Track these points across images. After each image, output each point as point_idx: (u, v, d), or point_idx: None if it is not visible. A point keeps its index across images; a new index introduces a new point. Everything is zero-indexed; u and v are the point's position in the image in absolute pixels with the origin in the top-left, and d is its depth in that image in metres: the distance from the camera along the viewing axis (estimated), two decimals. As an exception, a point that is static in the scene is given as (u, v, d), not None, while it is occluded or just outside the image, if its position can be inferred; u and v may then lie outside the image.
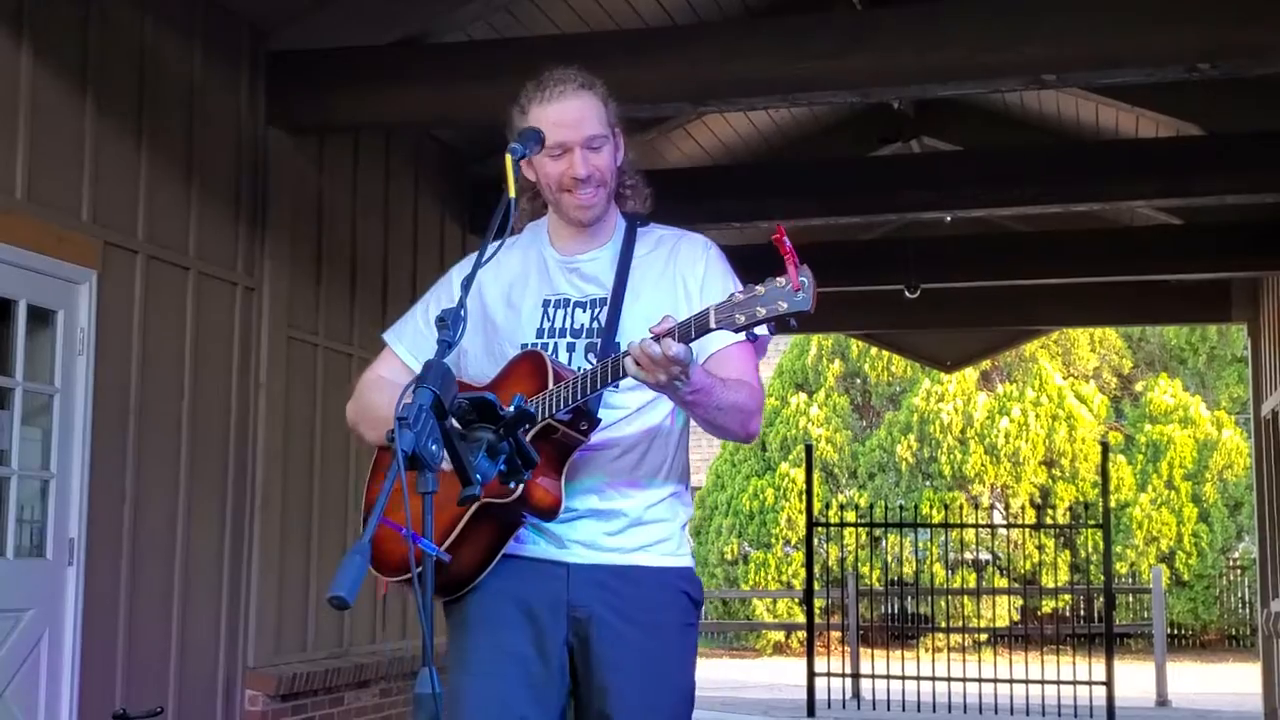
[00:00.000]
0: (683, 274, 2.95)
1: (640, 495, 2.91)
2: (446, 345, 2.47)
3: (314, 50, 7.24)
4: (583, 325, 2.91)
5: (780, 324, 2.57)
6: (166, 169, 6.62)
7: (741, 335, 2.83)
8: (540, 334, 2.92)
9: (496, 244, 2.66)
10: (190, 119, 6.78)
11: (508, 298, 2.98)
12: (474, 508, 2.72)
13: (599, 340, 2.87)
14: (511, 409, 2.51)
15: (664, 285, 2.93)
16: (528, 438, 2.65)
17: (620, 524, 2.88)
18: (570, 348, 2.90)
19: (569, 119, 2.88)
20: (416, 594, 2.27)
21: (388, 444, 2.34)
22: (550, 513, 2.77)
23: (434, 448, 2.29)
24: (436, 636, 2.27)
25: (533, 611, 2.84)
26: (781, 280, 2.57)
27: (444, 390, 2.36)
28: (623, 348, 2.78)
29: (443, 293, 3.07)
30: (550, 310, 2.94)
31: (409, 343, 3.07)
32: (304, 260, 7.65)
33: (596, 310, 2.91)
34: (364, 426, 3.05)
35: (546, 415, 2.70)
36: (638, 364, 2.58)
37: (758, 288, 2.59)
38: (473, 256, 2.99)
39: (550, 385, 2.72)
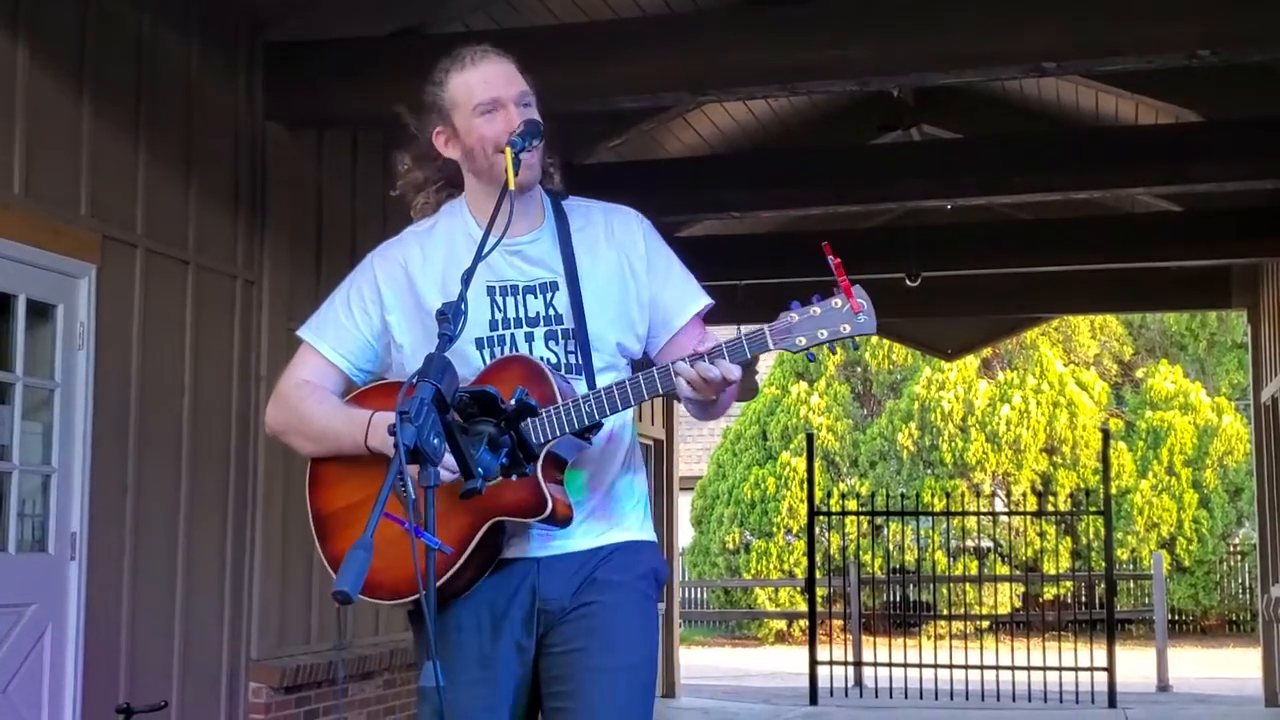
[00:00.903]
0: (625, 252, 2.85)
1: (609, 481, 2.84)
2: (448, 339, 2.43)
3: (311, 42, 7.23)
4: (538, 313, 2.78)
5: (852, 336, 2.54)
6: (165, 162, 6.61)
7: (705, 302, 2.86)
8: (494, 325, 2.77)
9: (496, 239, 2.62)
10: (189, 112, 6.77)
11: (443, 286, 2.76)
12: (487, 525, 2.64)
13: (559, 327, 2.77)
14: (513, 402, 2.50)
15: (609, 264, 2.83)
16: (543, 453, 2.60)
17: (589, 504, 2.79)
18: (529, 337, 2.77)
19: (498, 77, 2.80)
20: (425, 601, 2.24)
21: (366, 448, 2.27)
22: (568, 521, 2.69)
23: (436, 441, 2.26)
24: (408, 630, 2.25)
25: (496, 611, 2.74)
26: (838, 302, 2.52)
27: (445, 384, 2.33)
28: (591, 334, 2.76)
29: (362, 281, 2.90)
30: (498, 298, 2.79)
31: (331, 339, 2.90)
32: (303, 253, 7.64)
33: (549, 296, 2.79)
34: (296, 437, 2.90)
35: (572, 429, 2.61)
36: (692, 385, 2.53)
37: (813, 309, 2.53)
38: (390, 244, 2.94)
39: (558, 399, 2.61)
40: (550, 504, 2.61)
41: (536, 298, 2.78)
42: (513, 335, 2.77)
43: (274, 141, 7.35)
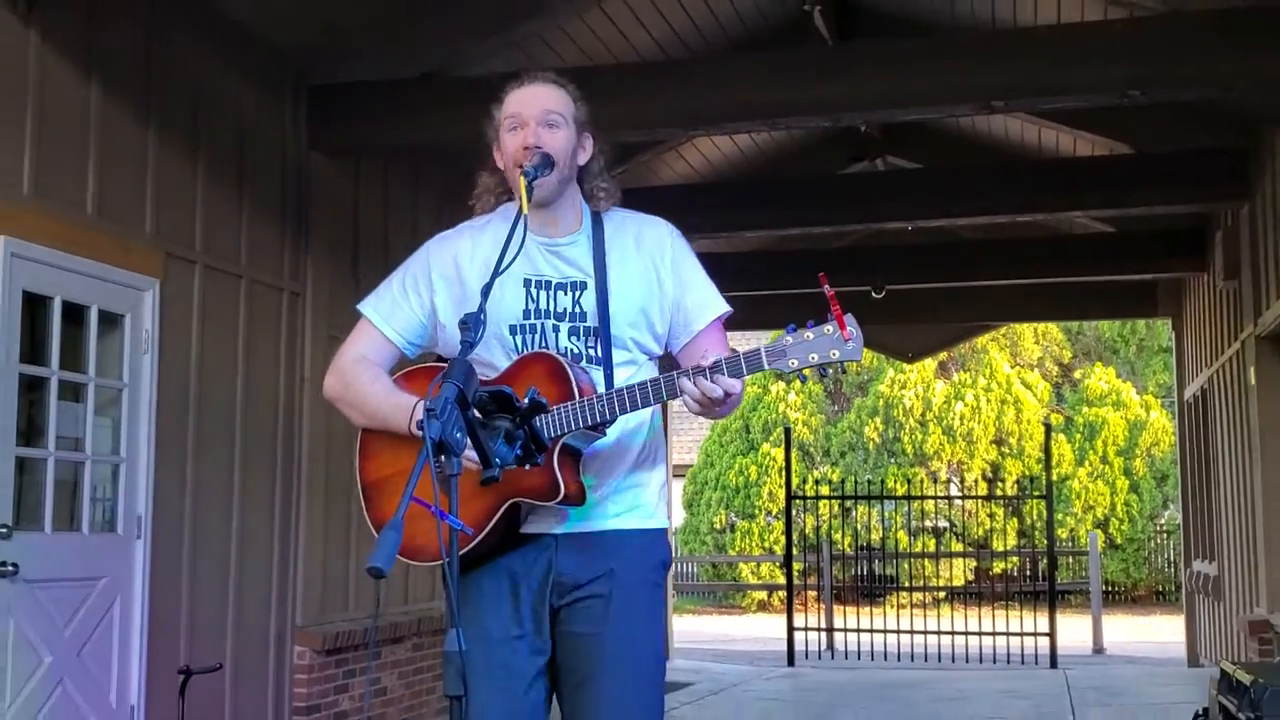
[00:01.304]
0: (653, 259, 2.82)
1: (619, 460, 2.81)
2: (469, 345, 2.44)
3: (349, 84, 7.25)
4: (565, 309, 2.76)
5: (842, 362, 2.50)
6: (220, 188, 6.63)
7: (723, 309, 2.83)
8: (527, 315, 2.76)
9: (512, 256, 2.61)
10: (241, 144, 6.79)
11: (484, 278, 2.68)
12: (506, 505, 2.65)
13: (583, 324, 2.76)
14: (526, 400, 2.51)
15: (637, 270, 2.80)
16: (558, 445, 2.61)
17: (605, 490, 2.77)
18: (555, 329, 2.75)
19: (532, 96, 2.79)
20: (448, 572, 2.25)
21: (407, 432, 2.27)
22: (581, 502, 2.68)
23: (458, 435, 2.28)
24: (433, 600, 2.26)
25: (516, 580, 2.73)
26: (829, 328, 2.49)
27: (466, 384, 2.35)
28: (613, 333, 2.75)
29: (417, 267, 2.88)
30: (533, 290, 2.77)
31: (388, 315, 2.89)
32: (342, 268, 7.65)
33: (577, 294, 2.76)
34: (349, 409, 2.88)
35: (582, 425, 2.61)
36: (698, 401, 2.54)
37: (806, 333, 2.50)
38: (444, 236, 2.92)
39: (576, 395, 2.61)
40: (563, 489, 2.62)
41: (566, 294, 2.76)
42: (542, 325, 2.75)
43: (316, 169, 7.36)
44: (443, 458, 2.25)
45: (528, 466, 2.55)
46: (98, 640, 5.78)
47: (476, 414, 2.42)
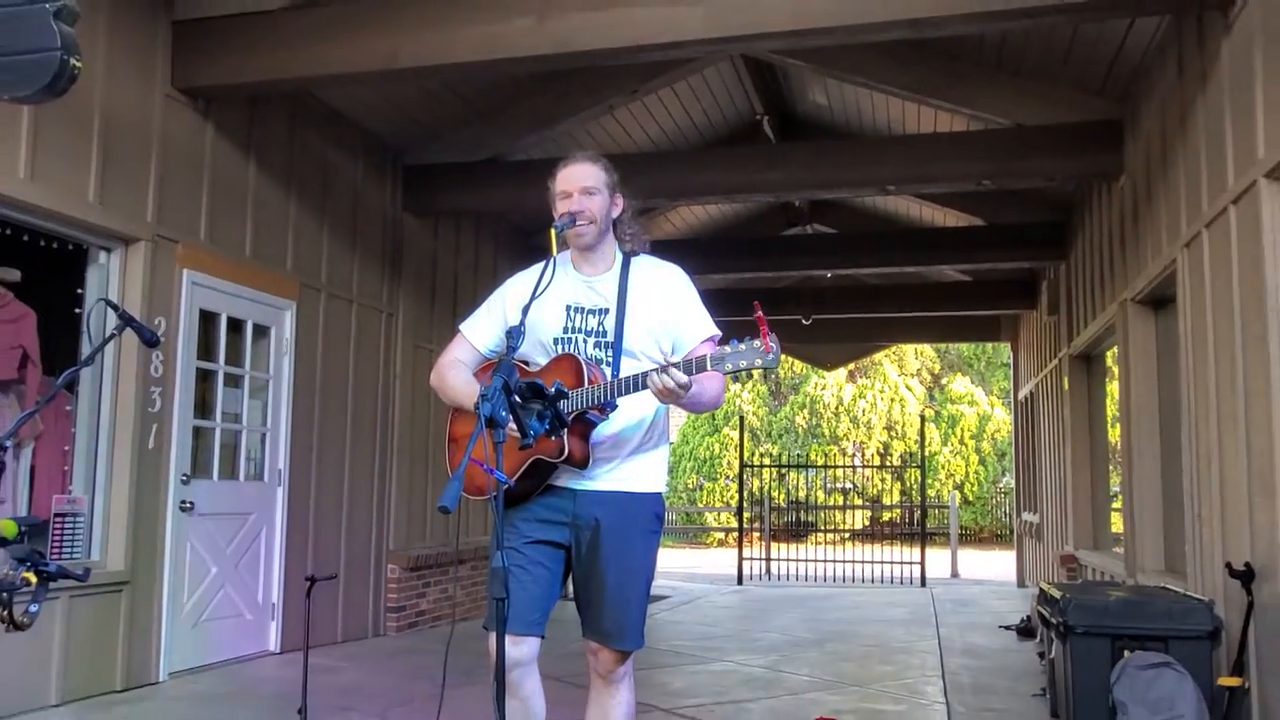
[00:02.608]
0: (663, 295, 2.77)
1: (628, 443, 2.77)
2: (511, 349, 2.46)
3: (432, 164, 7.26)
4: (592, 327, 2.74)
5: (757, 369, 2.50)
6: (340, 237, 6.65)
7: (711, 332, 2.79)
8: (565, 330, 2.74)
9: (545, 286, 2.58)
10: (354, 206, 6.82)
11: (543, 302, 2.72)
12: (531, 460, 2.65)
13: (604, 339, 2.73)
14: (553, 390, 2.51)
15: (651, 302, 2.76)
16: (571, 419, 2.60)
17: (614, 462, 2.75)
18: (584, 341, 2.73)
19: (570, 176, 2.77)
20: (495, 510, 2.26)
21: (473, 410, 2.30)
22: (583, 464, 2.68)
23: (503, 414, 2.28)
24: (485, 534, 2.27)
25: (545, 518, 2.74)
26: (758, 343, 2.47)
27: (510, 377, 2.35)
28: (624, 346, 2.72)
29: (498, 296, 2.86)
30: (571, 313, 2.75)
31: (472, 329, 2.87)
32: (424, 296, 7.67)
33: (601, 317, 2.74)
34: (443, 395, 2.87)
35: (587, 406, 2.60)
36: (660, 388, 2.50)
37: (740, 345, 2.48)
38: (519, 275, 2.86)
39: (586, 384, 2.61)
40: (566, 451, 2.62)
41: (594, 317, 2.75)
42: (575, 338, 2.75)
43: (407, 225, 7.38)
44: (492, 430, 2.26)
45: (553, 437, 2.56)
46: (249, 557, 5.80)
47: (516, 399, 2.43)
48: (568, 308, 2.76)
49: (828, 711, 4.57)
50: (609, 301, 2.76)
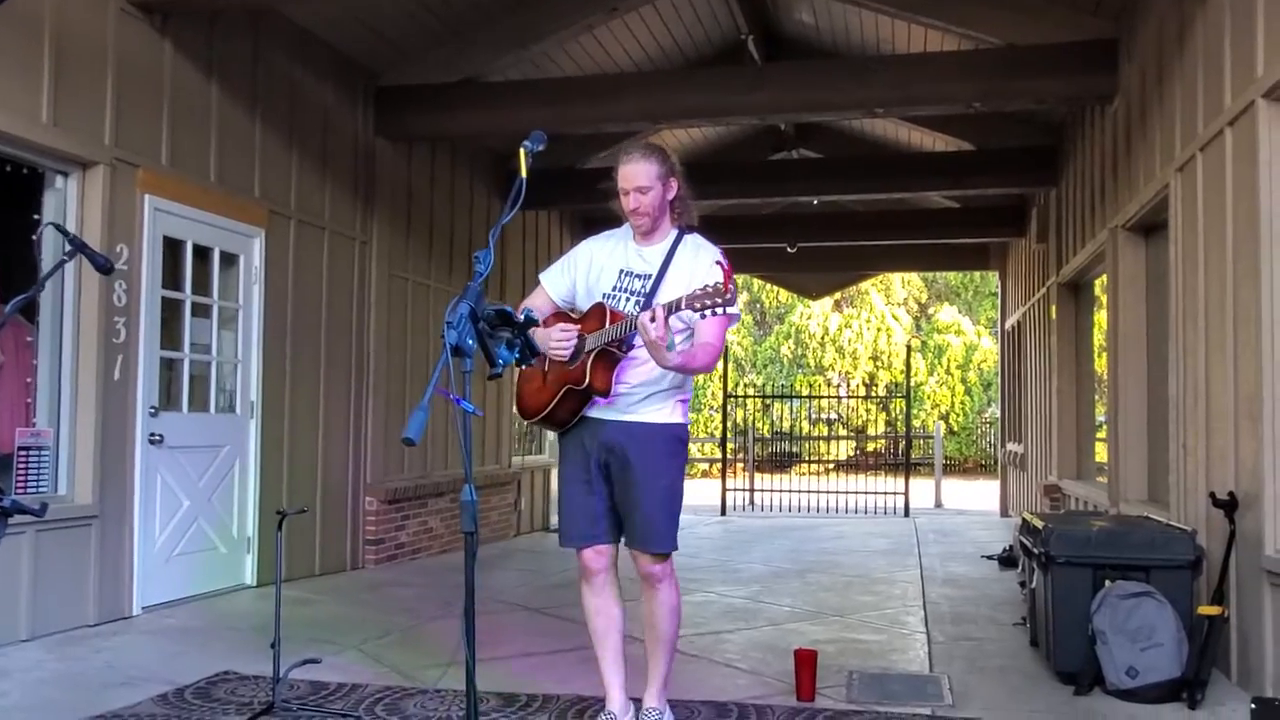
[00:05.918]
0: (695, 270, 3.09)
1: (651, 385, 3.12)
2: (480, 275, 2.39)
3: (406, 85, 7.08)
4: (636, 289, 3.14)
5: (717, 307, 2.86)
6: (310, 163, 6.50)
7: (713, 312, 3.07)
8: (614, 289, 3.16)
9: (508, 216, 2.50)
10: (325, 131, 6.66)
11: (603, 265, 3.20)
12: (563, 390, 3.09)
13: (639, 298, 3.12)
14: (522, 317, 2.45)
15: (683, 274, 3.09)
16: (593, 354, 3.04)
17: (637, 398, 3.11)
18: (627, 299, 3.13)
19: (627, 175, 3.13)
20: (462, 437, 2.22)
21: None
22: (605, 393, 3.09)
23: (470, 342, 2.21)
24: (459, 467, 2.21)
25: (586, 446, 3.16)
26: (721, 287, 2.84)
27: (477, 304, 2.28)
28: (654, 305, 3.02)
29: (572, 254, 3.28)
30: (622, 276, 3.17)
31: (549, 280, 3.28)
32: (399, 224, 7.54)
33: (644, 281, 3.14)
34: None
35: (606, 342, 3.03)
36: (646, 338, 2.88)
37: (709, 287, 2.84)
38: (596, 237, 3.27)
39: (608, 325, 3.05)
40: (588, 380, 3.06)
41: (639, 280, 3.15)
42: (619, 296, 3.15)
43: (380, 151, 7.23)
44: (458, 358, 2.19)
45: (524, 366, 2.50)
46: (222, 490, 5.77)
47: (485, 326, 2.35)
48: (620, 271, 3.19)
49: (807, 642, 4.62)
50: (653, 269, 3.16)
